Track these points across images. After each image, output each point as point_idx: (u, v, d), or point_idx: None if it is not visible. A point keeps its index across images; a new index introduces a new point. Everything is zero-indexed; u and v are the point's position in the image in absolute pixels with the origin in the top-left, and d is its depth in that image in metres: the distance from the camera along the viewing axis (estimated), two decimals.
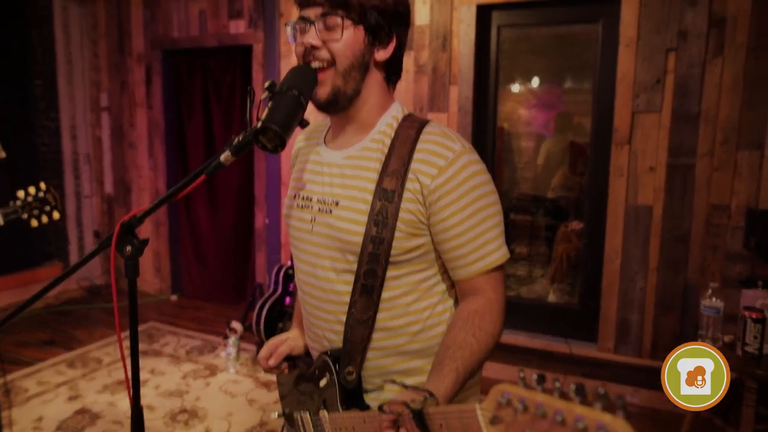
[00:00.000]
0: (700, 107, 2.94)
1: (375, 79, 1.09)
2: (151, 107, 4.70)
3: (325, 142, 1.19)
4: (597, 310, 3.28)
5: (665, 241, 3.08)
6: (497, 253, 1.04)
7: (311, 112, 1.06)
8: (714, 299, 2.05)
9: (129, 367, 1.09)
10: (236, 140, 1.03)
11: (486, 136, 3.58)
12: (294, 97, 1.00)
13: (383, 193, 1.02)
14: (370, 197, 1.03)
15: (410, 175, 1.02)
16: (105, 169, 5.00)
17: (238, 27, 4.22)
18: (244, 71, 4.34)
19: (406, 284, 1.07)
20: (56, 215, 2.00)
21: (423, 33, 3.54)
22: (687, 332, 3.04)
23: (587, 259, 3.40)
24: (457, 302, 1.13)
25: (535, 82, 5.35)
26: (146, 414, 2.84)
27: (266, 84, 1.02)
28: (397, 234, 1.01)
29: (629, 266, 3.17)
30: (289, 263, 3.73)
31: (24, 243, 4.53)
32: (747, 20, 2.81)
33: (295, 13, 1.10)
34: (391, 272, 1.04)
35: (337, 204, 1.08)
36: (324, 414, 1.09)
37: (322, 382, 1.11)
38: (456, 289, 1.11)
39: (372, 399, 1.11)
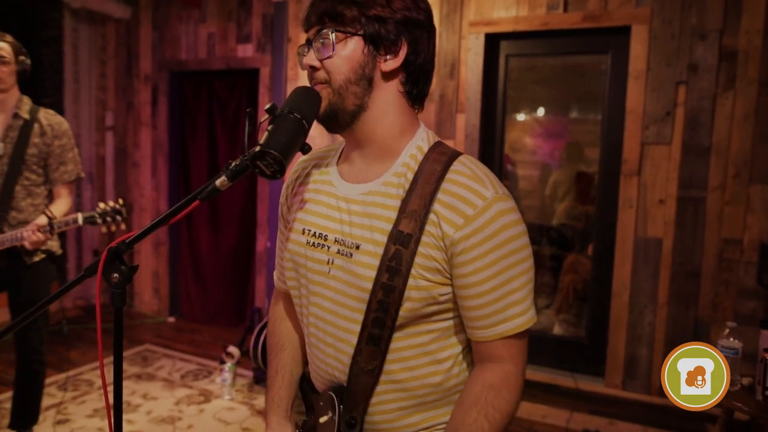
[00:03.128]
0: (711, 140, 2.90)
1: (387, 93, 0.97)
2: (156, 127, 4.69)
3: (338, 170, 1.05)
4: (604, 344, 3.18)
5: (675, 275, 3.00)
6: (522, 317, 0.92)
7: (315, 137, 1.01)
8: (732, 339, 1.96)
9: (111, 397, 1.03)
10: (233, 165, 0.98)
11: (493, 163, 3.54)
12: (296, 120, 0.94)
13: (399, 237, 0.91)
14: (385, 237, 0.93)
15: (432, 217, 0.91)
16: (107, 188, 4.97)
17: (246, 51, 4.23)
18: (250, 94, 4.34)
19: (423, 332, 0.96)
20: (123, 226, 2.34)
21: None
22: None
23: (595, 291, 3.32)
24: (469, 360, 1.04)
25: (541, 111, 5.33)
26: None
27: (267, 106, 0.96)
28: (410, 280, 0.91)
29: (638, 300, 3.09)
30: None
31: None
32: (758, 55, 2.79)
33: (303, 38, 1.04)
34: (403, 322, 0.94)
35: (357, 248, 0.96)
36: None
37: (322, 419, 1.03)
38: (473, 351, 1.00)
39: None
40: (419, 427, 1.00)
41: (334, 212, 1.01)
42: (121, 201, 2.40)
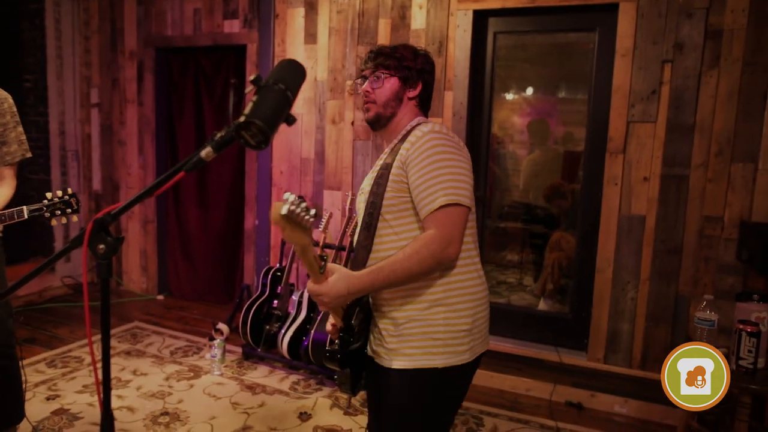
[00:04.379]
0: (695, 118, 2.93)
1: (409, 107, 1.59)
2: (142, 104, 4.64)
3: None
4: (588, 320, 3.25)
5: (658, 252, 3.06)
6: (442, 198, 1.37)
7: (303, 113, 1.02)
8: (709, 312, 2.02)
9: (99, 371, 1.05)
10: (218, 136, 0.99)
11: (480, 142, 3.56)
12: (280, 91, 0.96)
13: (385, 166, 1.50)
14: (374, 176, 1.52)
15: (400, 152, 1.48)
16: (93, 165, 4.93)
17: (233, 27, 4.18)
18: (237, 71, 4.29)
19: (392, 226, 1.48)
20: (74, 218, 2.22)
21: (419, 37, 3.51)
22: (678, 343, 3.00)
23: (579, 267, 3.37)
24: None
25: (530, 90, 5.33)
26: (126, 416, 2.79)
27: (252, 77, 0.97)
28: (387, 189, 1.46)
29: (621, 276, 3.15)
30: (277, 265, 3.68)
31: (8, 239, 4.45)
32: (743, 34, 2.81)
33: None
34: (382, 219, 1.48)
35: (363, 191, 1.59)
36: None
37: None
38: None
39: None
40: (396, 293, 1.49)
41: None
42: (69, 190, 2.22)
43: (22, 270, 4.52)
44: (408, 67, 1.56)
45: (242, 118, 0.92)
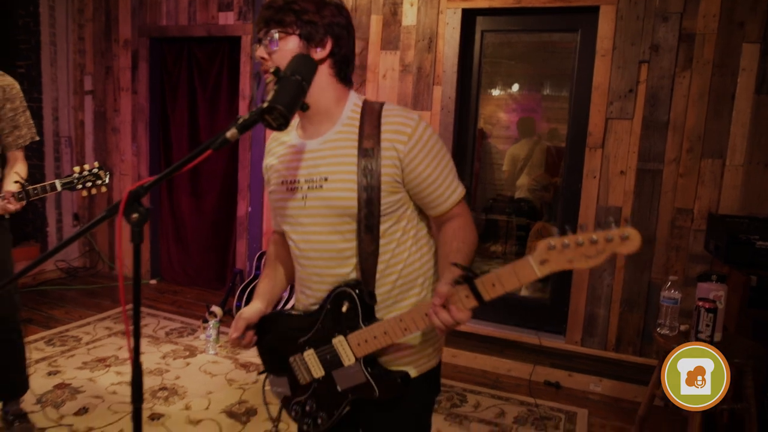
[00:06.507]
0: (669, 116, 3.12)
1: (321, 75, 1.27)
2: (136, 93, 4.72)
3: (296, 134, 1.38)
4: (566, 305, 3.44)
5: None
6: (460, 188, 1.34)
7: None
8: (673, 291, 2.21)
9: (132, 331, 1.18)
10: (242, 119, 1.13)
11: (467, 136, 3.72)
12: (297, 81, 1.11)
13: (365, 152, 1.26)
14: (354, 165, 1.26)
15: (385, 144, 1.25)
16: (87, 152, 5.00)
17: (227, 18, 4.28)
18: (231, 62, 4.40)
19: (394, 228, 1.31)
20: (104, 189, 2.31)
21: (410, 33, 3.65)
22: (650, 327, 3.22)
23: None
24: (429, 236, 1.40)
25: (515, 87, 5.51)
26: (126, 390, 2.92)
27: (272, 69, 1.12)
28: (383, 185, 1.25)
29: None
30: None
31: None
32: (714, 38, 3.00)
33: None
34: (385, 218, 1.28)
35: (326, 179, 1.28)
36: (339, 338, 1.28)
37: (344, 308, 1.29)
38: (434, 222, 1.38)
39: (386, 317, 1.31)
40: (408, 301, 1.34)
41: (299, 162, 1.34)
42: (97, 164, 2.33)
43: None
44: (311, 21, 1.24)
45: (266, 104, 1.06)
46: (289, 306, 3.56)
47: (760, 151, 2.98)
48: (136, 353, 1.23)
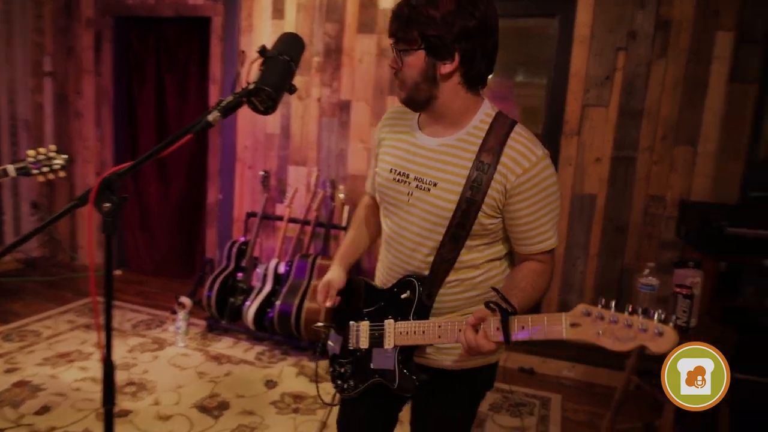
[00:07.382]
0: (644, 104, 3.14)
1: (450, 86, 1.26)
2: (100, 75, 4.51)
3: (418, 124, 1.38)
4: None
5: (606, 229, 3.27)
6: (552, 239, 1.33)
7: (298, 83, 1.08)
8: (650, 277, 2.23)
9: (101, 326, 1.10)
10: (225, 102, 1.05)
11: None
12: (285, 62, 1.03)
13: (480, 165, 1.25)
14: (464, 176, 1.26)
15: (501, 168, 1.24)
16: (46, 137, 4.77)
17: None
18: (201, 44, 4.24)
19: (482, 248, 1.34)
20: (62, 174, 2.11)
21: (386, 16, 3.56)
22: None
23: None
24: (509, 261, 1.44)
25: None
26: (91, 386, 2.80)
27: (258, 48, 1.04)
28: (484, 205, 1.25)
29: (572, 252, 3.35)
30: (242, 239, 3.71)
31: None
32: (690, 26, 3.02)
33: None
34: (473, 234, 1.30)
35: (435, 185, 1.30)
36: (390, 321, 1.35)
37: (404, 295, 1.35)
38: (515, 254, 1.41)
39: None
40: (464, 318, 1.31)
41: (413, 156, 1.34)
42: (53, 147, 2.12)
43: None
44: (436, 35, 1.17)
45: (252, 85, 0.99)
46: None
47: (732, 139, 3.02)
48: (108, 351, 1.16)
